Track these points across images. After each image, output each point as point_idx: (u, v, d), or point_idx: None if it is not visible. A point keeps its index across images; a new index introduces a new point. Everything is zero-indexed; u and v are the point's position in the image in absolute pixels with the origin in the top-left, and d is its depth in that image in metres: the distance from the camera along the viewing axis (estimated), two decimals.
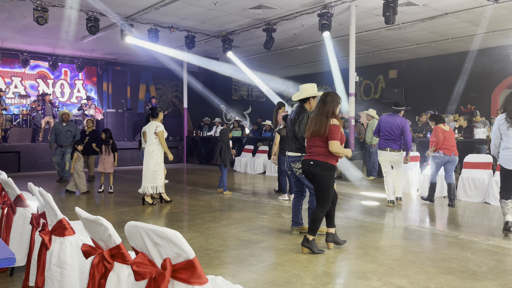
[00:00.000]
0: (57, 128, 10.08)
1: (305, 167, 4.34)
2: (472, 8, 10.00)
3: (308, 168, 4.30)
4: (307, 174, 4.36)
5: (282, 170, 7.78)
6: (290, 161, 4.91)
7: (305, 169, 4.35)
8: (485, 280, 3.54)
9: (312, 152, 4.28)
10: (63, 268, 2.60)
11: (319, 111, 4.24)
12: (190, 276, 1.68)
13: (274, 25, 11.32)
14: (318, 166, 4.21)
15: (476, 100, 14.32)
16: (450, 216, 6.41)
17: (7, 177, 3.82)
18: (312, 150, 4.28)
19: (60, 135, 9.96)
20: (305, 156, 4.41)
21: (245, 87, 22.26)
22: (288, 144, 4.99)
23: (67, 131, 10.02)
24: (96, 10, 10.30)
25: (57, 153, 10.06)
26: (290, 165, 4.91)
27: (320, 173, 4.21)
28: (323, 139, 4.17)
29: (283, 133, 7.49)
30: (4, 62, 15.07)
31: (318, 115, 4.23)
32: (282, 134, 7.51)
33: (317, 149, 4.22)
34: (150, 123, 7.16)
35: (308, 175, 4.37)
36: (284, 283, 3.48)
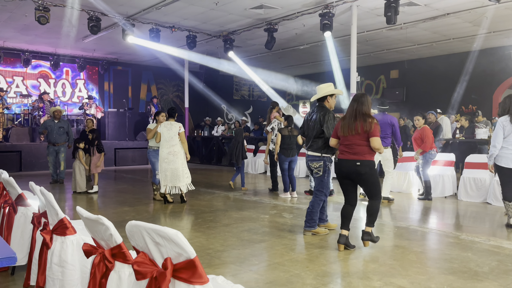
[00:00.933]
0: (48, 125, 9.67)
1: (350, 168, 4.30)
2: (473, 8, 9.99)
3: (354, 169, 4.28)
4: (351, 174, 4.32)
5: (283, 169, 7.82)
6: (308, 160, 5.00)
7: (349, 170, 4.31)
8: (486, 280, 3.54)
9: (355, 153, 4.28)
10: (64, 267, 2.60)
11: (355, 111, 4.30)
12: (191, 275, 1.68)
13: (275, 25, 11.32)
14: (367, 166, 4.28)
15: (478, 100, 14.30)
16: (452, 216, 6.40)
17: (9, 176, 3.83)
18: (354, 150, 4.28)
19: (53, 132, 9.61)
20: (345, 156, 4.34)
21: (246, 87, 22.26)
22: (307, 143, 5.06)
23: (59, 128, 9.68)
24: (98, 9, 10.31)
25: (50, 152, 9.68)
26: (309, 164, 5.00)
27: (369, 172, 4.28)
28: (363, 137, 4.23)
29: (284, 132, 7.62)
30: (6, 61, 15.09)
31: (356, 115, 4.28)
32: (283, 133, 7.61)
33: (360, 148, 4.26)
34: (170, 123, 7.05)
35: (351, 175, 4.34)
36: (285, 283, 3.48)
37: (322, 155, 4.90)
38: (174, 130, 6.98)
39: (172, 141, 6.95)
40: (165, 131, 7.00)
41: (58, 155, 9.67)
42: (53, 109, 9.91)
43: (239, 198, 7.80)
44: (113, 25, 11.59)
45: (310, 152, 4.99)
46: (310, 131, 5.02)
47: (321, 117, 4.87)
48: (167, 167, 6.94)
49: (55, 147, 9.61)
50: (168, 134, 6.97)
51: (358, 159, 4.25)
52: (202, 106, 19.25)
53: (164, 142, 6.99)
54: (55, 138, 9.58)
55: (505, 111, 5.28)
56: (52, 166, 9.67)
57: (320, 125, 4.86)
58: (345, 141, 4.35)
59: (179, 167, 6.98)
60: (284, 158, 7.72)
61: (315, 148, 4.93)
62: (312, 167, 4.95)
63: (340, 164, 4.40)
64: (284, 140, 7.67)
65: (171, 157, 6.94)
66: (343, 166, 4.36)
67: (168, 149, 6.95)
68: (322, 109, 4.97)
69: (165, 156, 6.96)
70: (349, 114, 4.37)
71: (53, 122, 9.62)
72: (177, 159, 6.96)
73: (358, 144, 4.26)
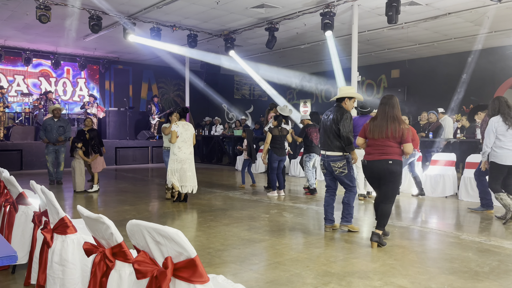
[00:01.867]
0: (48, 123, 9.30)
1: (382, 166, 4.42)
2: (475, 8, 9.97)
3: (387, 167, 4.41)
4: (383, 172, 4.43)
5: (272, 168, 8.02)
6: (329, 161, 5.02)
7: (382, 169, 4.42)
8: (486, 280, 3.54)
9: (386, 153, 4.42)
10: (65, 266, 2.61)
11: (387, 115, 4.45)
12: (192, 274, 1.68)
13: (276, 24, 11.31)
14: (398, 165, 4.43)
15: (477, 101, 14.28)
16: (452, 216, 6.40)
17: (10, 175, 3.83)
18: (384, 151, 4.43)
19: (52, 131, 9.27)
20: (374, 157, 4.48)
21: (247, 86, 22.26)
22: (325, 143, 5.08)
23: (59, 127, 9.35)
24: (99, 8, 10.30)
25: (50, 151, 9.34)
26: (329, 164, 5.02)
27: (399, 171, 4.46)
28: (394, 140, 4.42)
29: (274, 132, 7.91)
30: (7, 60, 15.10)
31: (388, 119, 4.43)
32: (273, 133, 7.89)
33: (392, 149, 4.42)
34: (187, 124, 6.99)
35: (383, 174, 4.45)
36: (285, 282, 3.48)
37: (344, 154, 4.99)
38: (191, 130, 6.99)
39: (189, 141, 6.97)
40: (184, 132, 6.90)
41: (58, 155, 9.45)
42: (53, 107, 9.60)
43: (239, 198, 7.80)
44: (114, 24, 11.59)
45: (329, 152, 5.02)
46: (326, 131, 5.08)
47: (338, 116, 4.96)
48: (186, 168, 6.91)
49: (55, 146, 9.37)
50: (186, 135, 6.92)
51: (390, 158, 4.41)
52: (203, 105, 19.25)
53: (183, 143, 6.91)
54: (55, 137, 9.33)
55: (495, 111, 5.61)
56: (51, 165, 9.41)
57: (337, 124, 4.94)
58: (375, 143, 4.50)
59: (193, 167, 7.08)
60: (276, 157, 7.92)
61: (336, 148, 4.98)
62: (336, 167, 5.01)
63: (371, 165, 4.53)
64: (275, 140, 7.89)
65: (192, 157, 7.00)
66: (375, 167, 4.49)
67: (189, 149, 6.96)
68: (339, 109, 5.05)
69: (186, 156, 6.92)
70: (380, 117, 4.49)
71: (53, 121, 9.34)
72: (193, 159, 7.05)
73: (389, 146, 4.43)
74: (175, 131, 6.81)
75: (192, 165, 7.06)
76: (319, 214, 6.31)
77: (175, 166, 6.91)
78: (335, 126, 4.95)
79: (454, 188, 8.01)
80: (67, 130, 9.50)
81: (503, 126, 5.49)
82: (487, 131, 5.59)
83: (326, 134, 5.05)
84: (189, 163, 6.98)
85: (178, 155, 6.90)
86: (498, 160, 5.57)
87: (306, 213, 6.46)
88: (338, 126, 4.92)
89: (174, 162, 6.92)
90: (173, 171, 6.94)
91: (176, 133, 6.82)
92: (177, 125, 6.88)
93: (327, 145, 5.03)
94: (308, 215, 6.28)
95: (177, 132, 6.83)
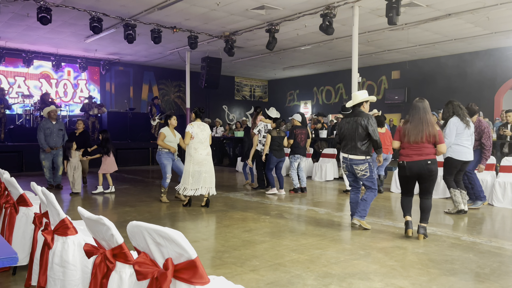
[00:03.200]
0: (47, 127, 8.67)
1: (422, 167, 4.77)
2: (475, 9, 9.98)
3: (427, 168, 4.77)
4: (423, 172, 4.78)
5: (269, 168, 8.28)
6: (352, 164, 5.28)
7: (422, 169, 4.77)
8: (487, 282, 3.53)
9: (424, 154, 4.78)
10: (66, 267, 2.61)
11: (422, 120, 4.77)
12: (192, 276, 1.68)
13: (276, 25, 11.32)
14: (435, 164, 4.81)
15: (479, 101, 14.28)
16: (453, 217, 6.39)
17: (10, 176, 3.84)
18: (423, 152, 4.78)
19: (52, 135, 8.68)
20: (413, 158, 4.80)
21: (248, 88, 22.28)
22: (350, 147, 5.29)
23: (59, 130, 8.82)
24: (100, 10, 10.32)
25: (47, 156, 8.76)
26: (352, 167, 5.29)
27: (436, 170, 4.84)
28: (429, 142, 4.78)
29: (273, 134, 8.12)
30: (8, 62, 15.13)
31: (423, 123, 4.76)
32: (273, 135, 8.10)
33: (428, 150, 4.79)
34: (202, 124, 6.76)
35: (423, 173, 4.79)
36: (286, 283, 3.48)
37: (366, 157, 5.25)
38: (207, 131, 6.75)
39: (206, 142, 6.71)
40: (199, 132, 6.64)
41: (56, 159, 8.90)
42: (49, 109, 8.94)
43: (240, 199, 7.80)
44: (114, 25, 11.61)
45: (352, 156, 5.27)
46: (350, 136, 5.27)
47: (366, 122, 5.19)
48: (202, 170, 6.62)
49: (53, 151, 8.78)
50: (202, 135, 6.66)
51: (429, 158, 4.77)
52: (204, 107, 19.25)
53: (199, 144, 6.63)
54: (55, 141, 8.77)
55: (450, 114, 6.26)
56: (49, 171, 8.85)
57: (366, 129, 5.18)
58: (412, 145, 4.82)
59: (212, 168, 6.81)
60: (275, 159, 8.16)
61: (360, 152, 5.24)
62: (358, 170, 5.28)
63: (410, 166, 4.83)
64: (274, 141, 8.07)
65: (209, 158, 6.73)
66: (414, 168, 4.81)
67: (205, 150, 6.68)
68: (364, 115, 5.28)
69: (203, 158, 6.64)
70: (416, 122, 4.80)
71: (52, 124, 8.75)
72: (211, 160, 6.80)
73: (426, 147, 4.78)
74: (189, 132, 6.60)
75: (209, 166, 6.73)
76: (320, 216, 6.31)
77: (191, 169, 6.59)
78: (363, 130, 5.19)
79: None
80: (64, 133, 9.02)
81: (461, 125, 6.13)
82: (450, 131, 6.13)
83: (352, 138, 5.27)
84: (206, 164, 6.67)
85: (194, 157, 6.60)
86: (454, 156, 6.20)
87: (306, 214, 6.45)
88: (367, 131, 5.17)
89: (189, 164, 6.61)
90: (188, 174, 6.61)
91: (191, 134, 6.59)
92: (192, 126, 6.65)
93: (352, 149, 5.27)
94: (308, 217, 6.27)
95: (191, 133, 6.60)
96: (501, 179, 7.08)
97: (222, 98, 19.89)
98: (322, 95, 20.18)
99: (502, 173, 7.27)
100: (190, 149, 6.65)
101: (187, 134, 6.60)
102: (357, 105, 5.39)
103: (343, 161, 5.41)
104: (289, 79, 21.66)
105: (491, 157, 7.87)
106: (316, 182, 10.27)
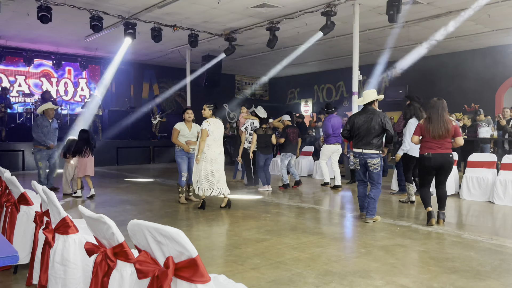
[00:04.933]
0: (44, 125, 8.17)
1: (445, 159, 5.32)
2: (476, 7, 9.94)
3: (448, 160, 5.34)
4: (444, 164, 5.33)
5: (260, 166, 8.56)
6: (366, 158, 5.59)
7: (444, 161, 5.32)
8: (488, 279, 3.53)
9: (446, 147, 5.33)
10: (67, 266, 2.61)
11: (441, 117, 5.28)
12: (193, 274, 1.68)
13: (277, 23, 11.30)
14: (453, 157, 5.42)
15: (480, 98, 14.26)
16: (454, 215, 6.39)
17: (11, 175, 3.84)
18: (445, 146, 5.32)
19: (49, 134, 8.20)
20: (437, 151, 5.30)
21: (248, 86, 22.26)
22: (365, 142, 5.60)
23: (55, 129, 8.43)
24: (100, 8, 10.31)
25: (43, 156, 8.16)
26: (366, 161, 5.60)
27: (453, 162, 5.45)
28: (447, 136, 5.30)
29: (259, 132, 8.47)
30: (8, 60, 15.12)
31: (442, 120, 5.27)
32: (258, 133, 8.44)
33: (448, 144, 5.34)
34: (218, 121, 6.54)
35: (444, 165, 5.34)
36: (286, 281, 3.48)
37: (379, 152, 5.61)
38: (222, 128, 6.52)
39: (220, 140, 6.47)
40: (215, 130, 6.40)
41: (51, 159, 8.36)
42: (46, 106, 8.35)
43: (241, 197, 7.80)
44: (115, 23, 11.60)
45: (367, 150, 5.59)
46: (366, 132, 5.59)
47: (383, 119, 5.58)
48: (214, 169, 6.36)
49: (49, 150, 8.25)
50: (217, 133, 6.42)
51: (449, 152, 5.36)
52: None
53: (213, 142, 6.37)
54: (52, 140, 8.28)
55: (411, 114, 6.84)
56: (44, 174, 8.24)
57: (382, 126, 5.55)
58: (434, 140, 5.33)
59: (223, 168, 6.55)
60: (262, 156, 8.45)
61: (374, 147, 5.59)
62: (372, 163, 5.59)
63: (435, 157, 5.33)
64: (260, 139, 8.40)
65: (222, 157, 6.47)
66: (438, 159, 5.33)
67: (219, 148, 6.42)
68: (377, 112, 5.67)
69: (216, 156, 6.37)
70: (435, 119, 5.29)
71: (48, 122, 8.24)
72: (223, 159, 6.54)
73: (446, 141, 5.32)
74: (206, 130, 6.33)
75: (220, 166, 6.47)
76: (321, 214, 6.32)
77: (203, 167, 6.34)
78: (380, 127, 5.55)
79: (456, 187, 8.01)
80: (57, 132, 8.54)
81: None
82: (410, 131, 6.54)
83: (367, 134, 5.58)
84: (218, 163, 6.41)
85: (207, 154, 6.34)
86: (410, 152, 6.77)
87: (307, 212, 6.45)
88: (384, 127, 5.55)
89: (202, 162, 6.35)
90: (200, 173, 6.37)
91: (207, 132, 6.33)
92: (208, 123, 6.39)
93: (367, 144, 5.58)
94: (309, 215, 6.28)
95: (207, 130, 6.34)
96: (502, 176, 7.07)
97: (223, 96, 19.85)
98: (323, 93, 20.16)
99: (503, 170, 7.27)
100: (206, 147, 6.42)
101: (203, 131, 6.34)
102: (368, 104, 5.73)
103: (356, 156, 5.68)
104: (289, 77, 21.62)
105: (492, 155, 7.89)
106: (317, 180, 10.27)
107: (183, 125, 7.09)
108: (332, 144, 8.62)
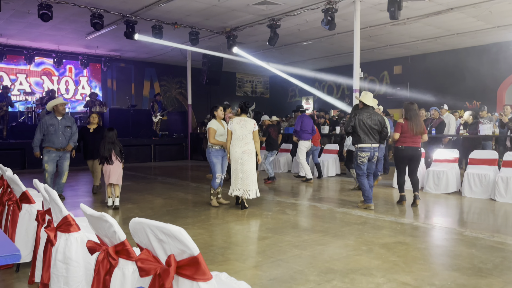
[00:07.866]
0: (50, 123, 6.94)
1: (415, 152, 6.52)
2: (478, 3, 9.92)
3: (417, 153, 6.54)
4: (414, 156, 6.52)
5: None
6: (374, 151, 6.41)
7: (414, 153, 6.51)
8: (490, 277, 3.53)
9: (417, 142, 6.52)
10: (69, 264, 2.62)
11: (418, 118, 6.51)
12: (195, 272, 1.68)
13: (278, 21, 11.28)
14: (421, 150, 6.69)
15: (482, 95, 14.23)
16: (455, 212, 6.39)
17: (13, 173, 3.84)
18: (416, 141, 6.50)
19: (57, 133, 6.95)
20: (409, 145, 6.46)
21: (249, 83, 22.24)
22: (371, 138, 6.35)
23: (65, 127, 7.06)
24: (101, 6, 10.31)
25: (51, 158, 6.98)
26: (374, 154, 6.42)
27: (421, 155, 6.77)
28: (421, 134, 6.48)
29: None
30: (9, 59, 15.14)
31: (419, 120, 6.49)
32: None
33: (419, 139, 6.54)
34: (244, 120, 6.30)
35: (414, 157, 6.53)
36: (288, 279, 3.48)
37: (380, 145, 6.74)
38: (248, 127, 6.27)
39: (246, 139, 6.24)
40: (238, 128, 6.25)
41: (61, 162, 7.14)
42: (56, 102, 7.13)
43: None
44: (116, 22, 11.60)
45: (375, 145, 6.41)
46: (372, 129, 6.35)
47: (380, 119, 6.43)
48: (239, 169, 6.25)
49: (58, 152, 7.02)
50: (241, 132, 6.24)
51: (419, 146, 6.55)
52: (205, 103, 19.23)
53: (236, 141, 6.24)
54: (61, 141, 7.01)
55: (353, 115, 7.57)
56: (50, 177, 7.06)
57: (382, 125, 6.43)
58: (410, 135, 6.45)
59: (253, 169, 6.30)
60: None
61: (378, 141, 6.48)
62: (378, 155, 6.67)
63: (407, 150, 6.50)
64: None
65: (246, 156, 6.22)
66: (409, 151, 6.50)
67: (242, 148, 6.22)
68: (378, 114, 6.52)
69: (239, 156, 6.21)
70: (415, 120, 6.45)
71: (57, 120, 6.99)
72: (251, 159, 6.27)
73: (418, 137, 6.50)
74: (229, 129, 6.33)
75: (246, 166, 6.22)
76: (322, 212, 6.32)
77: (232, 166, 6.35)
78: (380, 127, 6.41)
79: (457, 184, 7.99)
80: (74, 132, 7.23)
81: None
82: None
83: (372, 131, 6.36)
84: (241, 163, 6.20)
85: (231, 154, 6.28)
86: (352, 149, 7.74)
87: (308, 210, 6.46)
88: (383, 127, 6.43)
89: (231, 162, 6.34)
90: (233, 172, 6.30)
91: (230, 131, 6.28)
92: (231, 122, 6.31)
93: (373, 139, 6.39)
94: (310, 212, 6.28)
95: (230, 129, 6.29)
96: (504, 174, 7.06)
97: (224, 94, 19.85)
98: (324, 91, 20.13)
99: (504, 168, 7.26)
100: (230, 146, 6.36)
101: (228, 131, 6.33)
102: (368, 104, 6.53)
103: (367, 150, 6.34)
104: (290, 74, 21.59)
105: (493, 152, 7.87)
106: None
107: (217, 123, 6.67)
108: (308, 140, 9.51)
